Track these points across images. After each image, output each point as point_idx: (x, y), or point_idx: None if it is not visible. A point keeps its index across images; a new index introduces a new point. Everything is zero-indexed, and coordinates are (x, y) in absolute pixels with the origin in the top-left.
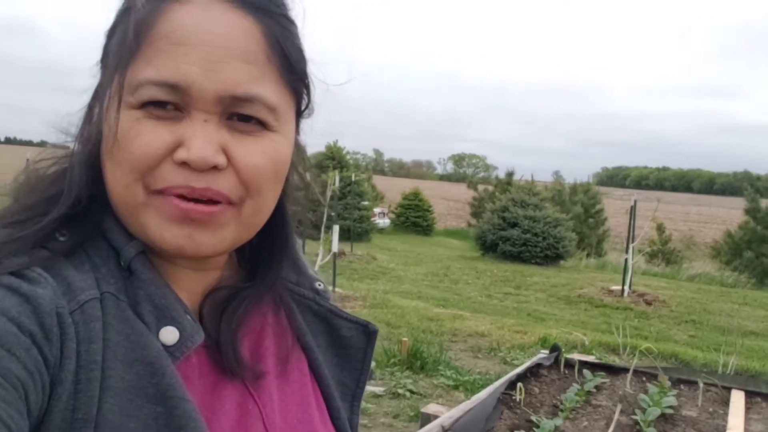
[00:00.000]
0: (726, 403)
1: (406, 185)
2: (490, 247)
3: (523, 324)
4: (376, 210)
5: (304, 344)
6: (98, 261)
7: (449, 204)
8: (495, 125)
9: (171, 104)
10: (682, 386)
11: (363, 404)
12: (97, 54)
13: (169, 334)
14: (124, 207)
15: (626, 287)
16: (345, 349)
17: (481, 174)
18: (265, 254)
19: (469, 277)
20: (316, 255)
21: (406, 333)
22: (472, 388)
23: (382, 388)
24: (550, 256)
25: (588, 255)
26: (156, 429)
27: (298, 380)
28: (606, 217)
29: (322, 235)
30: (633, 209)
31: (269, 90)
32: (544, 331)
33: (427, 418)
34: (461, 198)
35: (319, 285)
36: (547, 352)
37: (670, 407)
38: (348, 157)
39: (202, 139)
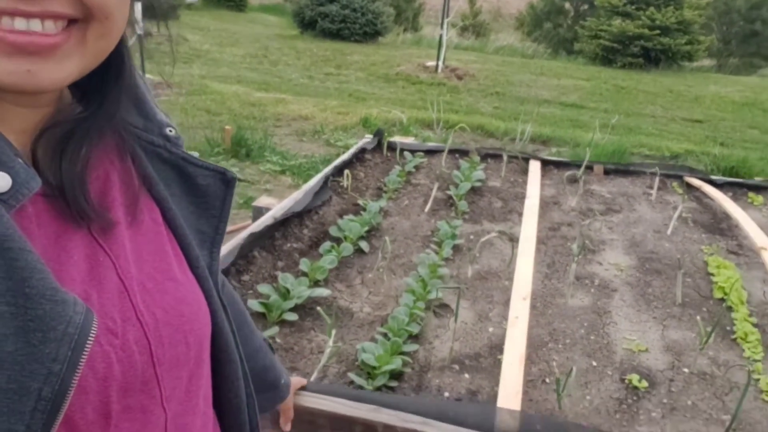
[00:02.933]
0: (525, 172)
1: None
2: (308, 24)
3: (345, 105)
4: None
5: (156, 194)
6: None
7: None
8: None
9: None
10: (489, 160)
11: None
12: None
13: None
14: None
15: (440, 63)
16: (202, 198)
17: None
18: (101, 86)
19: (289, 57)
20: None
21: (228, 120)
22: (298, 172)
23: None
24: (369, 32)
25: (405, 30)
26: None
27: (152, 230)
28: None
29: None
30: None
31: None
32: (365, 111)
33: (259, 211)
34: None
35: (170, 131)
36: (370, 136)
37: (479, 180)
38: None
39: None
